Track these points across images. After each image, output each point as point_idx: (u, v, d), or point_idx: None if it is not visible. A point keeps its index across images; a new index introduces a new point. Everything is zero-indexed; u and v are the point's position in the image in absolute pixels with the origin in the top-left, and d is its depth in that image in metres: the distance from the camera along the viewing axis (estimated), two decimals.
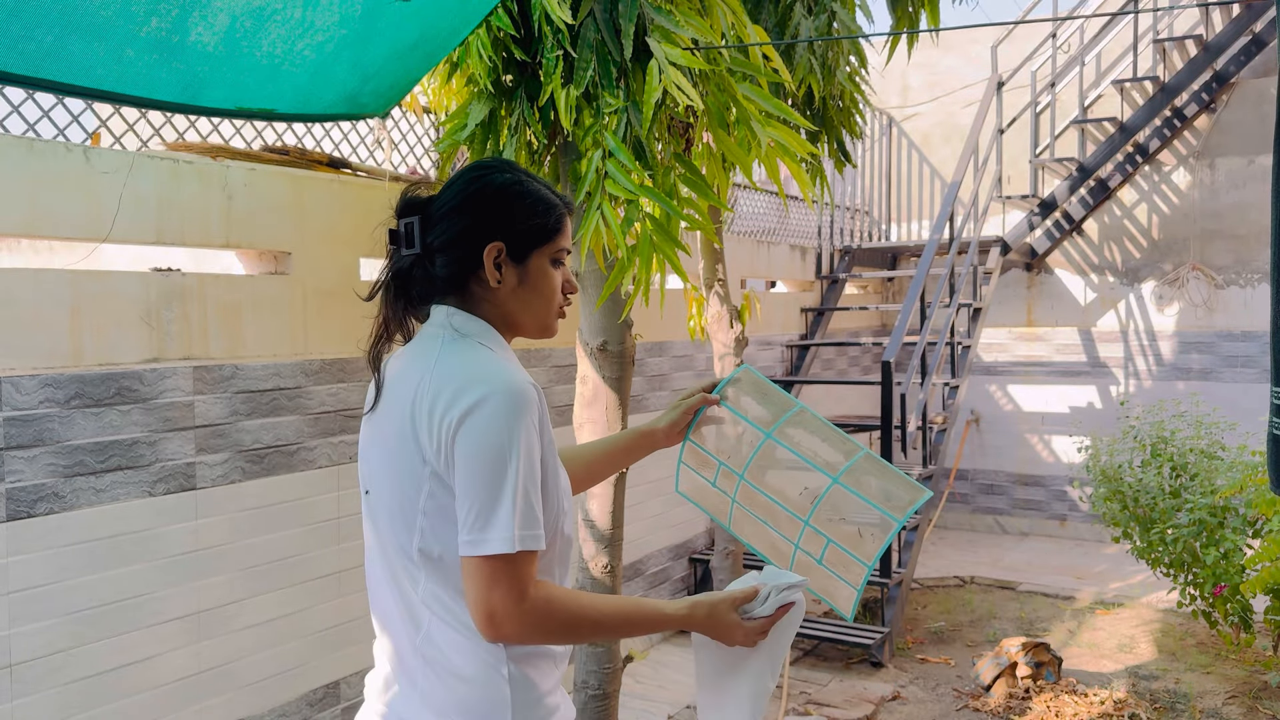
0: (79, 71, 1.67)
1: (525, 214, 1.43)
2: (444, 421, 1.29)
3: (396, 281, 1.44)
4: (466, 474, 1.28)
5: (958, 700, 4.25)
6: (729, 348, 3.88)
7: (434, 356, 1.37)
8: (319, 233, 3.25)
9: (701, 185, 2.76)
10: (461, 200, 1.43)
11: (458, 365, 1.34)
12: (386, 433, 1.39)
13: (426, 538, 1.33)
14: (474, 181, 1.44)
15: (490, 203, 1.42)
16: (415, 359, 1.39)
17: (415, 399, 1.34)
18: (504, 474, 1.27)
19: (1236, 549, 4.24)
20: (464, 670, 1.34)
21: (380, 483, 1.40)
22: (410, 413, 1.34)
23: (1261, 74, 6.75)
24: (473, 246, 1.41)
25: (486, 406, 1.29)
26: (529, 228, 1.43)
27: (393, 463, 1.36)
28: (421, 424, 1.32)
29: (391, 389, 1.40)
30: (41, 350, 2.52)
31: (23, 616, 2.47)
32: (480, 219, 1.41)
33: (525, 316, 1.46)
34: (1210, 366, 6.90)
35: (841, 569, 1.65)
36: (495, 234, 1.41)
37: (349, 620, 3.33)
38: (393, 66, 2.13)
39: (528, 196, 1.43)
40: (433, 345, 1.39)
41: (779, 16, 3.32)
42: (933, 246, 5.60)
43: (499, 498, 1.27)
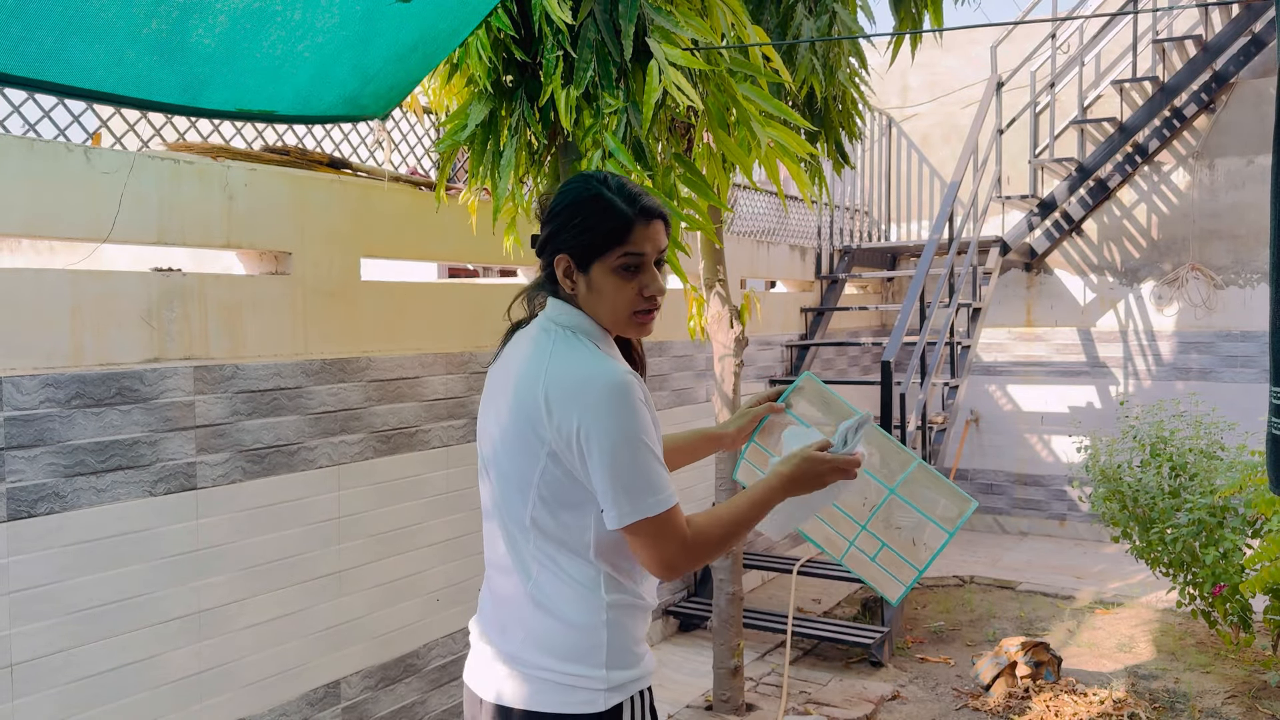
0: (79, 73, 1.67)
1: (586, 226, 1.55)
2: (565, 419, 1.47)
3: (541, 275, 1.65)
4: (602, 461, 1.45)
5: (957, 700, 4.25)
6: (729, 348, 3.88)
7: (547, 352, 1.53)
8: (320, 233, 3.25)
9: (702, 186, 2.76)
10: (548, 214, 1.60)
11: (568, 365, 1.51)
12: (503, 412, 1.56)
13: (538, 509, 1.52)
14: (561, 192, 1.60)
15: (560, 216, 1.57)
16: (530, 347, 1.56)
17: (532, 391, 1.50)
18: (634, 452, 1.46)
19: (1236, 549, 4.24)
20: (569, 616, 1.53)
21: (498, 455, 1.57)
22: (529, 402, 1.51)
23: (1261, 74, 6.75)
24: (549, 258, 1.59)
25: (602, 402, 1.46)
26: (589, 239, 1.55)
27: (510, 441, 1.54)
28: (540, 415, 1.49)
29: (508, 365, 1.60)
30: (42, 350, 2.52)
31: (23, 616, 2.48)
32: (553, 233, 1.58)
33: (607, 314, 1.59)
34: (1209, 366, 6.91)
35: (894, 569, 1.82)
36: (562, 246, 1.57)
37: (349, 620, 3.34)
38: (392, 68, 2.14)
39: (594, 207, 1.55)
40: (545, 340, 1.56)
41: (781, 17, 3.33)
42: (932, 246, 5.61)
43: (636, 472, 1.46)
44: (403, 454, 3.55)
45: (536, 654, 1.54)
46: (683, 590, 5.30)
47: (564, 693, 1.52)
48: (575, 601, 1.53)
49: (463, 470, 3.81)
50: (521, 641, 1.56)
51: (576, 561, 1.54)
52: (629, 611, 1.57)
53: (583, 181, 1.59)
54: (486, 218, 3.71)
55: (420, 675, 3.64)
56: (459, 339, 3.80)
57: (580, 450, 1.47)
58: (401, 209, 3.56)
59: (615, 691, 1.53)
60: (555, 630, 1.54)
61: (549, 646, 1.54)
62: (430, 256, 3.89)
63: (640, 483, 1.46)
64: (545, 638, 1.54)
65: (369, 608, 3.41)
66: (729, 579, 3.99)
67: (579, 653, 1.52)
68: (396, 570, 3.52)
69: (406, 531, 3.57)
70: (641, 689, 1.58)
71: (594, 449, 1.46)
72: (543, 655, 1.54)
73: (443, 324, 3.72)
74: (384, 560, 3.47)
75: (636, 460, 1.46)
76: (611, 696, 1.53)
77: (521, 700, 1.54)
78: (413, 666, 3.60)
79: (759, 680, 4.49)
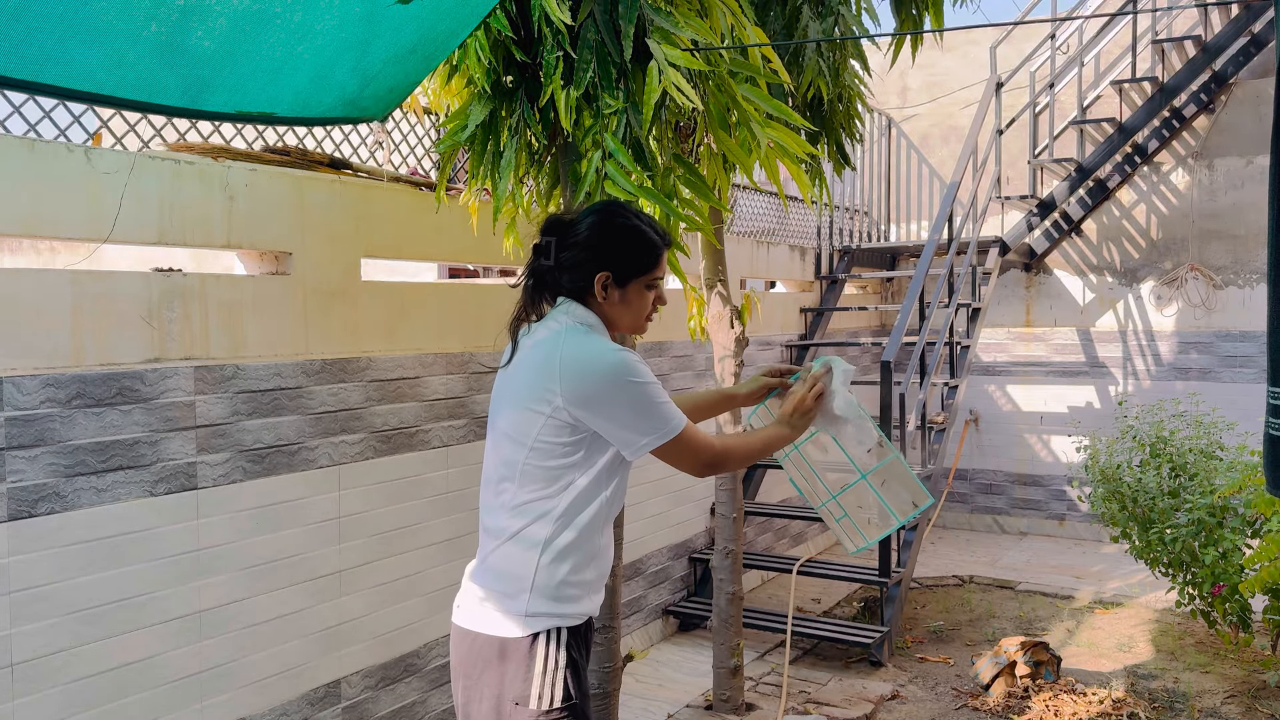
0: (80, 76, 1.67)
1: (632, 253, 1.93)
2: (579, 383, 1.80)
3: (533, 280, 1.96)
4: (621, 410, 1.81)
5: (957, 699, 4.26)
6: (729, 348, 3.89)
7: (562, 337, 1.86)
8: (320, 233, 3.25)
9: (702, 186, 2.76)
10: (588, 235, 1.92)
11: (582, 344, 1.85)
12: (517, 383, 1.89)
13: (531, 458, 1.84)
14: (599, 222, 1.93)
15: (606, 241, 1.92)
16: (548, 336, 1.89)
17: (548, 364, 1.83)
18: (645, 394, 1.82)
19: (1235, 548, 4.24)
20: (515, 553, 1.85)
21: (506, 416, 1.90)
22: (543, 372, 1.83)
23: (1260, 75, 6.76)
24: (589, 273, 1.91)
25: (612, 366, 1.81)
26: (633, 264, 1.93)
27: (520, 404, 1.86)
28: (553, 382, 1.81)
29: (526, 353, 1.91)
30: (43, 350, 2.53)
31: (24, 616, 2.48)
32: (597, 253, 1.91)
33: (623, 320, 1.97)
34: (1209, 366, 6.91)
35: (852, 533, 2.23)
36: (606, 265, 1.91)
37: (349, 620, 3.34)
38: (392, 70, 2.14)
39: (636, 238, 1.93)
40: (559, 329, 1.88)
41: (787, 18, 3.33)
42: (932, 247, 5.61)
43: (650, 412, 1.82)
44: (403, 454, 3.55)
45: (483, 579, 1.89)
46: (683, 590, 5.31)
47: (486, 615, 1.85)
48: (522, 537, 1.84)
49: (463, 470, 3.81)
50: (478, 571, 1.91)
51: (542, 504, 1.84)
52: (569, 552, 1.85)
53: (621, 213, 1.94)
54: (487, 218, 3.72)
55: (420, 675, 3.64)
56: (459, 339, 3.80)
57: (593, 412, 1.80)
58: (402, 209, 3.57)
59: (533, 619, 1.82)
60: (501, 557, 1.86)
61: (492, 573, 1.87)
62: (430, 257, 3.90)
63: (656, 413, 1.83)
64: (493, 569, 1.87)
65: (369, 608, 3.41)
66: (729, 579, 4.00)
67: (509, 578, 1.84)
68: (396, 570, 3.52)
69: (406, 531, 3.57)
70: (560, 625, 1.84)
71: (608, 408, 1.80)
72: (485, 579, 1.88)
73: (443, 324, 3.73)
74: (384, 560, 3.47)
75: (649, 405, 1.81)
76: (530, 623, 1.82)
77: (464, 619, 1.90)
78: (413, 666, 3.61)
79: (759, 680, 4.49)
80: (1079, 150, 6.91)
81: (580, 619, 1.89)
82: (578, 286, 1.93)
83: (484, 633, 1.84)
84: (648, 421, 1.82)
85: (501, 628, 1.83)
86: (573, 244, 1.92)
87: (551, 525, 1.84)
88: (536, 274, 1.96)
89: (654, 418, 1.83)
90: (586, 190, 2.59)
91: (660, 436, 1.83)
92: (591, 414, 1.82)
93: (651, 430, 1.83)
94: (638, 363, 1.84)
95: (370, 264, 3.55)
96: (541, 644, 1.82)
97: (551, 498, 1.84)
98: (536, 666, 1.81)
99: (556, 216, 1.98)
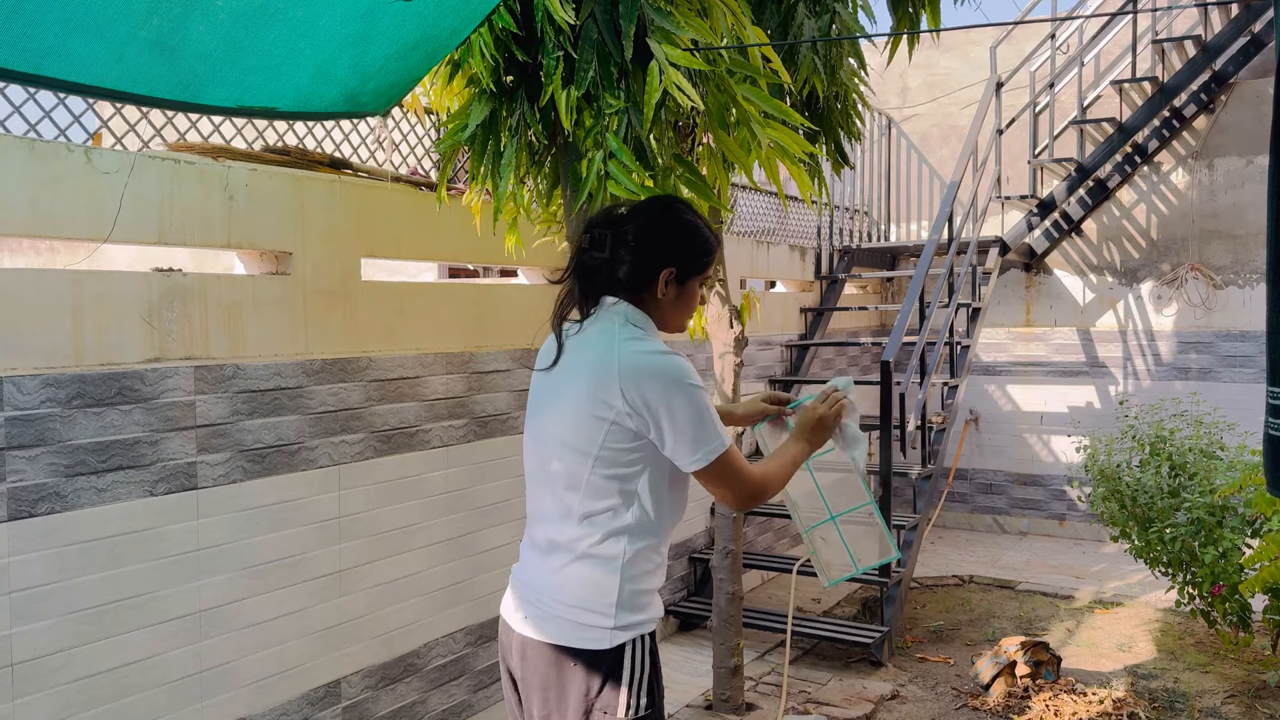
0: (81, 70, 1.67)
1: (695, 250, 1.90)
2: (639, 392, 1.76)
3: (583, 274, 1.90)
4: (680, 416, 1.77)
5: (957, 699, 4.26)
6: (729, 347, 3.89)
7: (617, 339, 1.82)
8: (320, 233, 3.25)
9: (702, 186, 2.76)
10: (652, 229, 1.88)
11: (640, 347, 1.80)
12: (568, 389, 1.85)
13: (595, 469, 1.80)
14: (663, 217, 1.90)
15: (673, 236, 1.89)
16: (599, 337, 1.84)
17: (604, 367, 1.79)
18: (700, 409, 1.78)
19: (1235, 548, 4.24)
20: (593, 565, 1.82)
21: (558, 425, 1.85)
22: (600, 377, 1.79)
23: (1260, 75, 6.76)
24: (653, 266, 1.87)
25: (672, 377, 1.77)
26: (694, 261, 1.90)
27: (579, 411, 1.81)
28: (611, 388, 1.78)
29: (575, 355, 1.86)
30: (43, 350, 2.52)
31: (24, 616, 2.48)
32: (664, 247, 1.88)
33: (672, 320, 1.94)
34: (1209, 366, 6.91)
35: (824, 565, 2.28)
36: (671, 261, 1.88)
37: (349, 620, 3.34)
38: (393, 66, 2.14)
39: (699, 236, 1.91)
40: (612, 330, 1.84)
41: (782, 17, 3.33)
42: (932, 247, 5.61)
43: (701, 423, 1.78)
44: (403, 454, 3.55)
45: (560, 595, 1.83)
46: (683, 590, 5.30)
47: (575, 629, 1.81)
48: (599, 552, 1.81)
49: (463, 470, 3.81)
50: (550, 584, 1.85)
51: (611, 518, 1.82)
52: (644, 565, 1.85)
53: (684, 209, 1.92)
54: (489, 218, 3.72)
55: (420, 675, 3.64)
56: (459, 339, 3.80)
57: (654, 417, 1.77)
58: (402, 209, 3.56)
59: (621, 631, 1.81)
60: (579, 573, 1.82)
61: (571, 589, 1.82)
62: (431, 256, 3.90)
63: (707, 431, 1.79)
64: (571, 584, 1.83)
65: (369, 607, 3.41)
66: (729, 578, 3.99)
67: (595, 595, 1.81)
68: (396, 570, 3.52)
69: (406, 531, 3.57)
70: (645, 631, 1.85)
71: (667, 412, 1.76)
72: (564, 596, 1.83)
73: (443, 324, 3.72)
74: (384, 560, 3.47)
75: (705, 415, 1.79)
76: (617, 635, 1.81)
77: (542, 633, 1.84)
78: (413, 666, 3.60)
79: (759, 679, 4.49)
80: (1079, 150, 6.91)
81: (655, 624, 1.90)
82: (637, 281, 1.88)
83: (569, 645, 1.82)
84: (702, 432, 1.79)
85: (589, 640, 1.81)
86: (634, 238, 1.87)
87: (626, 540, 1.82)
88: (588, 268, 1.89)
89: (708, 429, 1.80)
90: (588, 190, 2.59)
91: (711, 452, 1.80)
92: (651, 420, 1.78)
93: (704, 443, 1.79)
94: (693, 369, 1.82)
95: (370, 264, 3.55)
96: (628, 653, 1.82)
97: (622, 511, 1.82)
98: (625, 676, 1.82)
99: (608, 210, 1.94)
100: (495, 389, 3.97)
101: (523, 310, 4.10)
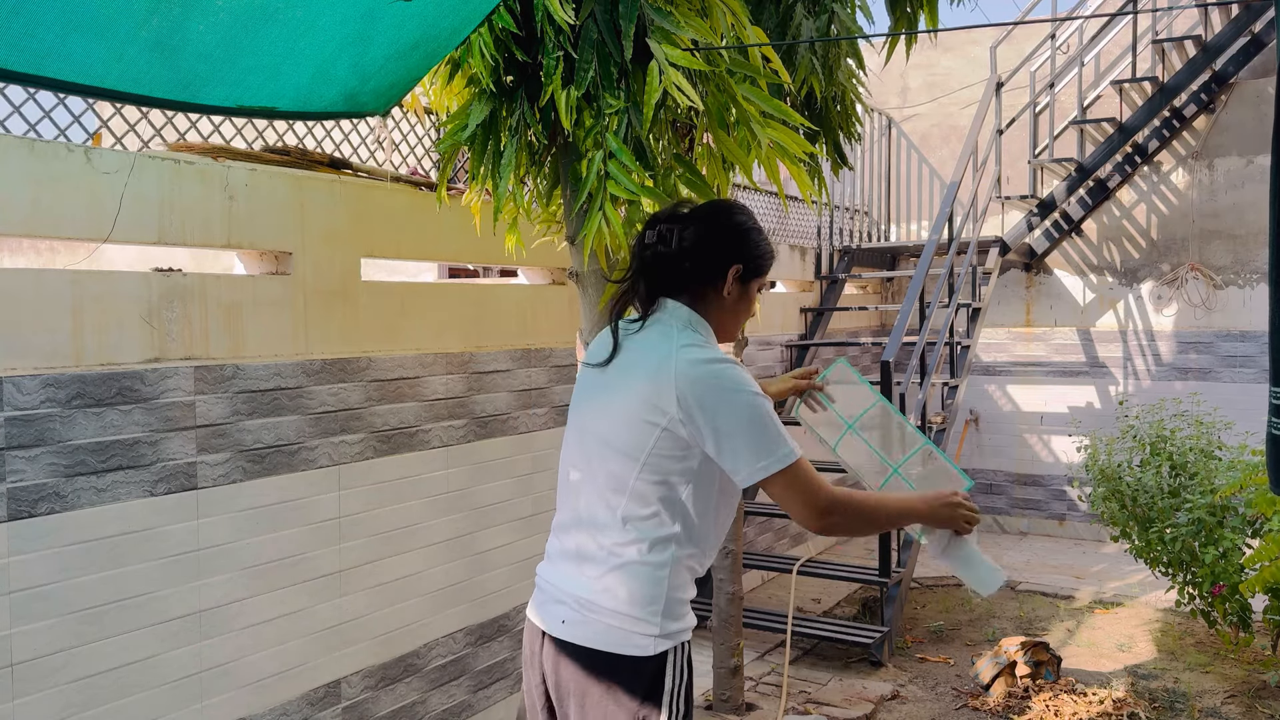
0: (80, 69, 1.67)
1: (760, 251, 1.91)
2: (695, 399, 1.72)
3: (646, 269, 1.86)
4: (738, 429, 1.72)
5: (957, 699, 4.26)
6: (728, 347, 3.88)
7: (675, 342, 1.79)
8: (320, 233, 3.25)
9: (702, 186, 2.76)
10: (720, 226, 1.87)
11: (699, 353, 1.77)
12: (621, 389, 1.82)
13: (643, 474, 1.77)
14: (731, 216, 1.90)
15: (741, 236, 1.89)
16: (659, 340, 1.81)
17: (660, 372, 1.75)
18: (761, 417, 1.73)
19: (1235, 548, 4.24)
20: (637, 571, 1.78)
21: (607, 425, 1.82)
22: (654, 381, 1.76)
23: (1260, 74, 6.76)
24: (722, 262, 1.86)
25: (731, 379, 1.74)
26: (760, 263, 1.91)
27: (630, 414, 1.78)
28: (667, 394, 1.74)
29: (631, 355, 1.83)
30: (43, 350, 2.52)
31: (24, 616, 2.48)
32: (733, 245, 1.87)
33: (730, 323, 1.92)
34: (1209, 366, 6.91)
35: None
36: (739, 258, 1.87)
37: (349, 620, 3.34)
38: (393, 66, 2.14)
39: (762, 238, 1.92)
40: (670, 334, 1.81)
41: (780, 17, 3.33)
42: (932, 247, 5.61)
43: (766, 429, 1.73)
44: (403, 454, 3.55)
45: (602, 599, 1.78)
46: None
47: (621, 636, 1.77)
48: (645, 559, 1.78)
49: (463, 470, 3.81)
50: (590, 588, 1.80)
51: (657, 526, 1.78)
52: (685, 574, 1.83)
53: (746, 213, 1.92)
54: (489, 218, 3.72)
55: (420, 675, 3.64)
56: (459, 339, 3.80)
57: (710, 426, 1.72)
58: (402, 209, 3.56)
59: (664, 639, 1.78)
60: (623, 580, 1.78)
61: (615, 594, 1.78)
62: (431, 256, 3.90)
63: (770, 440, 1.73)
64: (613, 586, 1.78)
65: (369, 607, 3.41)
66: (729, 578, 3.99)
67: (639, 602, 1.77)
68: (396, 570, 3.52)
69: (406, 531, 3.57)
70: (684, 640, 1.83)
71: (726, 422, 1.72)
72: (607, 601, 1.78)
73: (443, 324, 3.73)
74: (384, 560, 3.47)
75: (766, 423, 1.73)
76: (660, 644, 1.78)
77: (583, 639, 1.80)
78: (413, 666, 3.60)
79: (759, 680, 4.49)
80: (1079, 150, 6.91)
81: (690, 633, 1.87)
82: (705, 277, 1.85)
83: (612, 652, 1.78)
84: (764, 443, 1.72)
85: (634, 647, 1.78)
86: (702, 233, 1.85)
87: (673, 548, 1.79)
88: (652, 263, 1.86)
89: (771, 439, 1.73)
90: (588, 191, 2.59)
91: (777, 461, 1.72)
92: (706, 429, 1.73)
93: (768, 453, 1.72)
94: (752, 379, 1.78)
95: (370, 264, 3.55)
96: (671, 661, 1.80)
97: (666, 518, 1.79)
98: (667, 683, 1.80)
99: (671, 208, 1.91)
100: (495, 389, 3.97)
101: (523, 310, 4.10)
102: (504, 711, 3.99)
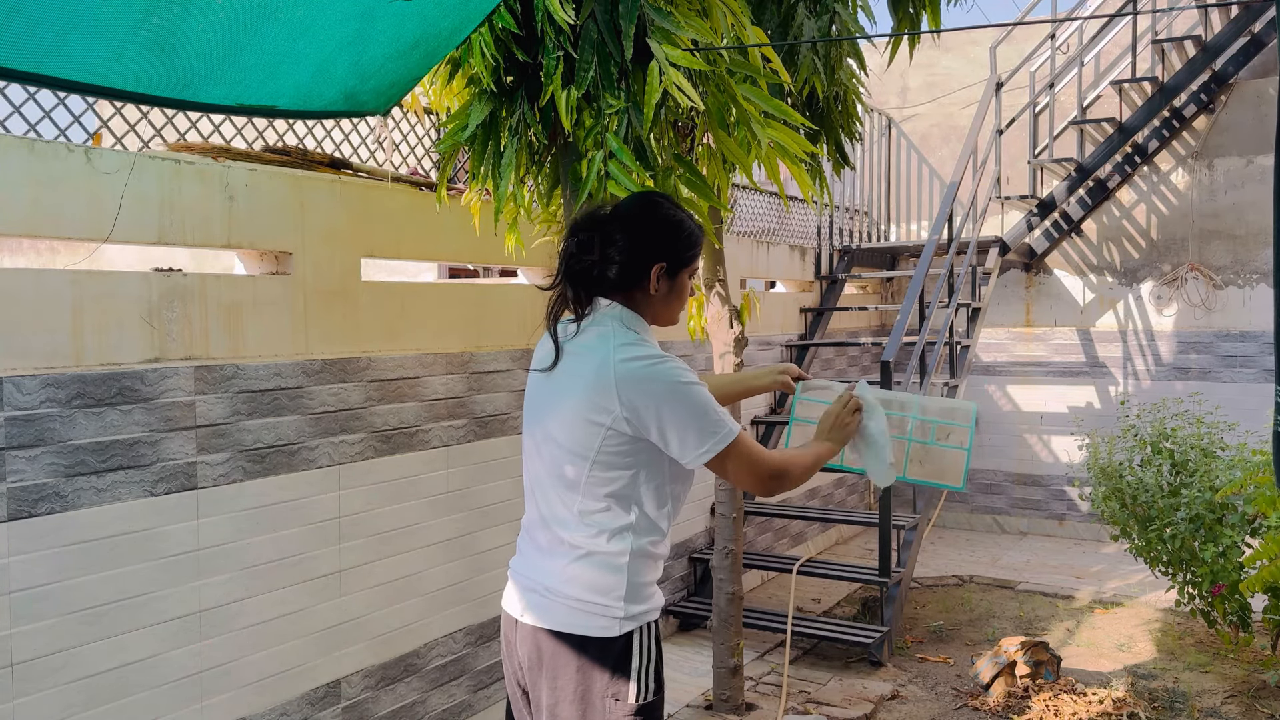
0: (80, 68, 1.67)
1: (683, 244, 1.93)
2: (635, 397, 1.79)
3: (572, 278, 1.90)
4: (679, 416, 1.80)
5: (957, 699, 4.26)
6: (729, 347, 3.89)
7: (612, 343, 1.84)
8: (320, 233, 3.25)
9: (702, 186, 2.76)
10: (639, 226, 1.90)
11: (635, 351, 1.82)
12: (567, 393, 1.87)
13: (594, 471, 1.85)
14: (652, 212, 1.92)
15: (660, 232, 1.91)
16: (596, 342, 1.86)
17: (600, 375, 1.81)
18: (699, 404, 1.81)
19: (1235, 547, 4.24)
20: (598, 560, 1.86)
21: (557, 428, 1.88)
22: (596, 384, 1.82)
23: (1260, 75, 6.76)
24: (644, 264, 1.89)
25: (668, 372, 1.80)
26: (684, 255, 1.93)
27: (576, 415, 1.84)
28: (609, 395, 1.80)
29: (573, 360, 1.88)
30: (43, 350, 2.52)
31: (24, 616, 2.48)
32: (652, 244, 1.90)
33: (664, 314, 1.96)
34: (1209, 366, 6.91)
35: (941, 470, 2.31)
36: (661, 256, 1.90)
37: (349, 620, 3.34)
38: (393, 65, 2.14)
39: (684, 229, 1.93)
40: (607, 336, 1.86)
41: (782, 17, 3.33)
42: (931, 247, 5.61)
43: (706, 414, 1.81)
44: (403, 454, 3.55)
45: (568, 587, 1.87)
46: (683, 590, 5.30)
47: (587, 619, 1.85)
48: (605, 549, 1.86)
49: (463, 470, 3.81)
50: (557, 577, 1.88)
51: (613, 517, 1.86)
52: (646, 558, 1.89)
53: (666, 204, 1.94)
54: (489, 218, 3.72)
55: (420, 675, 3.64)
56: (459, 339, 3.80)
57: (655, 420, 1.80)
58: (402, 209, 3.56)
59: (629, 620, 1.86)
60: (586, 569, 1.86)
61: (580, 582, 1.86)
62: (431, 256, 3.90)
63: (709, 420, 1.82)
64: (577, 575, 1.87)
65: (369, 607, 3.41)
66: (729, 578, 3.99)
67: (603, 588, 1.85)
68: (396, 570, 3.52)
69: (406, 531, 3.57)
70: (651, 620, 1.90)
71: (669, 414, 1.80)
72: (573, 588, 1.86)
73: (443, 324, 3.72)
74: (384, 560, 3.47)
75: (706, 409, 1.81)
76: (626, 624, 1.86)
77: (553, 623, 1.88)
78: (413, 666, 3.60)
79: (759, 679, 4.49)
80: (1079, 150, 6.91)
81: (659, 612, 1.95)
82: (629, 280, 1.89)
83: (579, 634, 1.86)
84: (705, 427, 1.81)
85: (599, 629, 1.86)
86: (620, 237, 1.88)
87: (630, 538, 1.87)
88: (576, 272, 1.90)
89: (711, 422, 1.82)
90: (588, 190, 2.59)
91: (719, 442, 1.82)
92: (650, 422, 1.81)
93: (710, 434, 1.82)
94: (688, 369, 1.85)
95: (370, 264, 3.55)
96: (637, 641, 1.88)
97: (620, 510, 1.87)
98: (634, 663, 1.87)
99: (591, 212, 1.93)
100: (495, 389, 3.97)
101: (523, 310, 4.10)
102: (504, 711, 3.99)
